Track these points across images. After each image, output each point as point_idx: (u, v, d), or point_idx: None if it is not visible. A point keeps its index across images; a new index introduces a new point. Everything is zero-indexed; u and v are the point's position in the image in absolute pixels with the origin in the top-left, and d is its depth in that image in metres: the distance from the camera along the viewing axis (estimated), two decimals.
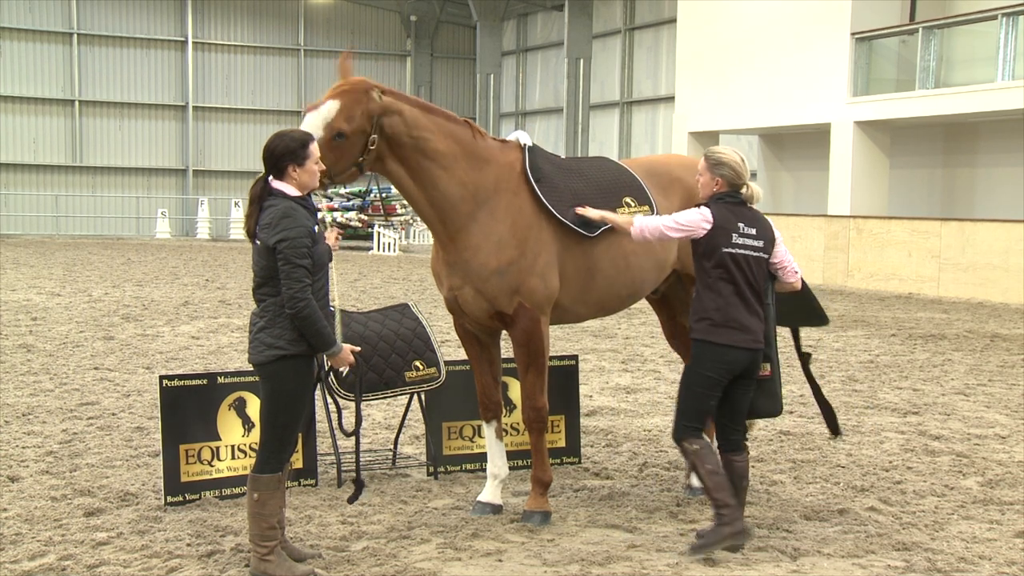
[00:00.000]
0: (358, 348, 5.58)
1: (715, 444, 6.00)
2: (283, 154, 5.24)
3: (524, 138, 6.52)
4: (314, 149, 5.31)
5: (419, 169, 6.06)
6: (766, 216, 6.02)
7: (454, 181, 6.12)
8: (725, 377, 5.72)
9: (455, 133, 6.20)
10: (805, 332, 15.15)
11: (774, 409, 6.01)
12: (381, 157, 5.97)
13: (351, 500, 5.85)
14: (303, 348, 5.23)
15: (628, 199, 6.58)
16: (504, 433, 7.37)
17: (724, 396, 5.79)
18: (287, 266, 5.11)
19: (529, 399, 6.31)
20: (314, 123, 5.69)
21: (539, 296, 6.19)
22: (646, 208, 6.58)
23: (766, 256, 5.81)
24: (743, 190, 5.84)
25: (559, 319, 6.59)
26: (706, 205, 5.80)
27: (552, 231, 6.27)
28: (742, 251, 5.71)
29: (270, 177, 5.28)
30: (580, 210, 6.23)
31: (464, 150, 6.19)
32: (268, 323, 5.21)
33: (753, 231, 5.77)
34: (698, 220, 5.73)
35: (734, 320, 5.68)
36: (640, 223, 5.89)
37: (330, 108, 5.75)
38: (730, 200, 5.80)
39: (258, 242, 5.20)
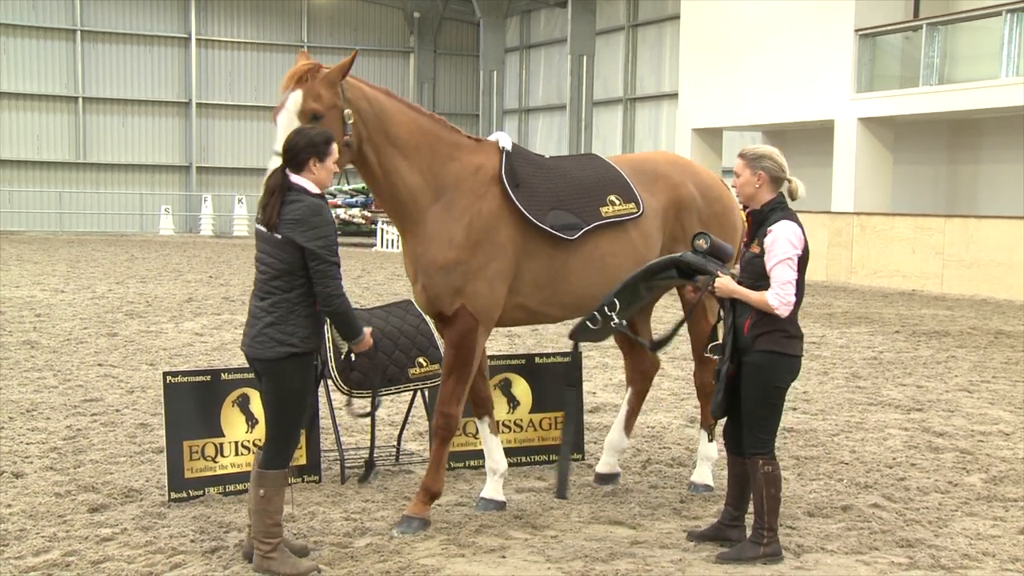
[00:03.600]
0: (371, 328, 5.60)
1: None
2: (306, 146, 5.24)
3: (504, 140, 6.40)
4: (335, 149, 5.32)
5: (385, 155, 5.97)
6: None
7: (415, 171, 6.05)
8: (791, 383, 5.58)
9: (419, 123, 6.12)
10: (808, 329, 15.17)
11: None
12: (360, 138, 5.87)
13: (362, 480, 5.88)
14: (312, 346, 5.25)
15: (613, 197, 6.47)
16: (507, 429, 7.38)
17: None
18: (323, 265, 5.12)
19: (443, 404, 6.12)
20: (287, 120, 5.58)
21: (482, 301, 6.07)
22: (631, 206, 6.47)
23: None
24: (785, 185, 5.56)
25: (531, 319, 6.52)
26: (789, 219, 5.45)
27: (518, 238, 6.16)
28: (806, 256, 5.51)
29: (287, 170, 5.28)
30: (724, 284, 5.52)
31: (428, 142, 6.11)
32: (279, 319, 5.20)
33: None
34: (797, 239, 5.39)
35: (799, 329, 5.52)
36: (776, 301, 5.33)
37: (294, 98, 5.66)
38: (786, 203, 5.50)
39: (279, 235, 5.18)
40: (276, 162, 5.38)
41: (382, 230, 32.87)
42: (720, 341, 5.71)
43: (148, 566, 5.36)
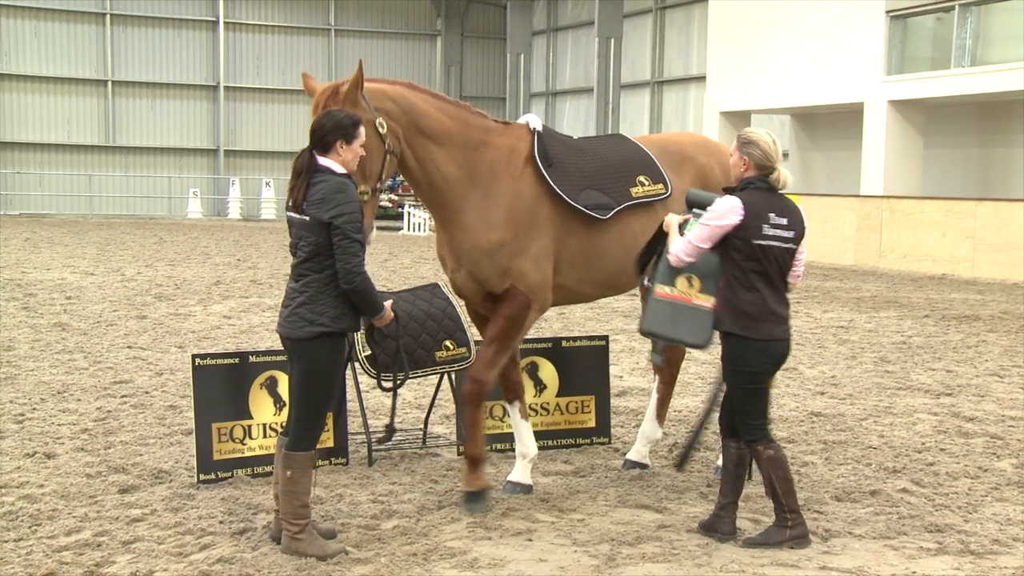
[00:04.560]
0: (390, 301, 5.64)
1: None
2: (333, 128, 5.26)
3: (534, 122, 6.44)
4: (362, 132, 5.34)
5: (418, 148, 6.01)
6: (797, 198, 5.85)
7: (449, 160, 6.08)
8: (771, 370, 5.60)
9: (446, 111, 6.15)
10: (836, 313, 15.05)
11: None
12: (396, 139, 5.88)
13: (382, 440, 6.50)
14: (343, 326, 5.26)
15: (642, 177, 6.52)
16: (534, 413, 7.39)
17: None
18: (344, 241, 5.14)
19: (477, 371, 6.14)
20: None
21: (531, 280, 6.12)
22: (660, 187, 6.53)
23: (795, 248, 5.55)
24: (772, 174, 5.57)
25: (564, 299, 6.57)
26: (736, 194, 5.52)
27: (555, 217, 6.22)
28: (772, 243, 5.45)
29: (314, 151, 5.29)
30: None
31: (459, 129, 6.13)
32: (310, 299, 5.23)
33: (784, 221, 5.50)
34: (726, 212, 5.44)
35: (772, 313, 5.47)
36: (675, 250, 5.54)
37: None
38: (760, 186, 5.54)
39: (307, 217, 5.22)
40: None
41: (409, 213, 32.91)
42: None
43: (177, 547, 5.41)
